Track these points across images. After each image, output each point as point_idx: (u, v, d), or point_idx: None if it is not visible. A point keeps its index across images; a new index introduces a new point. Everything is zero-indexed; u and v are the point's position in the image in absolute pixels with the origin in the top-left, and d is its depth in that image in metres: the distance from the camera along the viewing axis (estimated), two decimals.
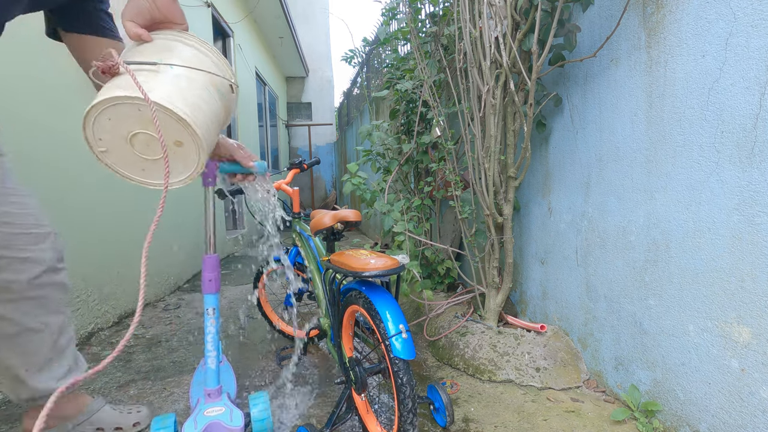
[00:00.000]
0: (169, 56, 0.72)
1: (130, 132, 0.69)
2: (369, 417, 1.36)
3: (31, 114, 1.87)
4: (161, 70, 0.69)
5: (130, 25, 0.70)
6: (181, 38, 0.76)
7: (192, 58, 0.74)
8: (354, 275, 1.17)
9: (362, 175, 2.55)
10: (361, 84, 7.59)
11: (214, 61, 0.79)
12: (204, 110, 0.71)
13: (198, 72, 0.73)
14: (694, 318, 1.23)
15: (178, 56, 0.73)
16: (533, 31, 1.57)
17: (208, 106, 0.73)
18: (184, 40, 0.77)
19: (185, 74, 0.71)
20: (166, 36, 0.76)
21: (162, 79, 0.68)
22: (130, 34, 0.71)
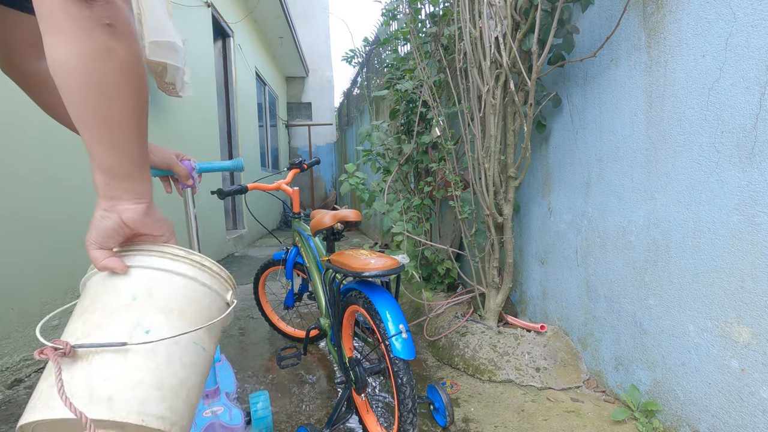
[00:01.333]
0: (147, 303, 0.54)
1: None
2: (369, 417, 1.36)
3: (23, 114, 1.87)
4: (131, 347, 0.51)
5: (97, 255, 0.53)
6: (163, 262, 0.58)
7: (177, 297, 0.57)
8: (354, 275, 1.17)
9: (360, 175, 2.55)
10: (361, 84, 7.59)
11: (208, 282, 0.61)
12: (187, 384, 0.54)
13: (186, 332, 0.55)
14: (694, 318, 1.23)
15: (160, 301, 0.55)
16: (533, 31, 1.57)
17: (193, 371, 0.56)
18: (167, 263, 0.58)
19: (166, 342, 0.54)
20: (145, 260, 0.57)
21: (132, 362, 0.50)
22: (98, 267, 0.54)
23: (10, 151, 1.75)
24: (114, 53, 0.49)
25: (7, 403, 1.59)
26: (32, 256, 1.84)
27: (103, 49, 0.48)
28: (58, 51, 0.47)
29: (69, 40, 0.47)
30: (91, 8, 0.47)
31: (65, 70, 0.47)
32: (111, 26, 0.48)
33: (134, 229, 0.55)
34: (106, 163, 0.52)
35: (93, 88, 0.48)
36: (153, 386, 0.50)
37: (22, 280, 1.79)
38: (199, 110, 4.11)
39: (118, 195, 0.54)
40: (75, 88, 0.48)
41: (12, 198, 1.75)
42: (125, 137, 0.52)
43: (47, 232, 1.93)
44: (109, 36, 0.48)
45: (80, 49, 0.47)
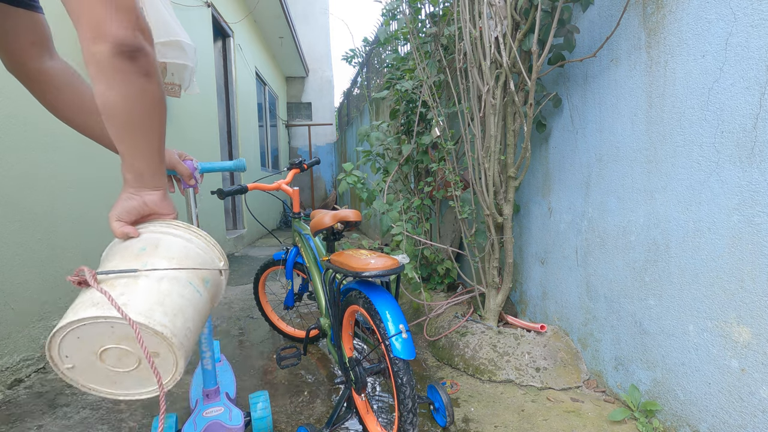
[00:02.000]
0: (153, 252, 0.69)
1: (101, 347, 0.64)
2: (369, 417, 1.36)
3: (22, 111, 1.87)
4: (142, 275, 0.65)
5: (116, 225, 0.70)
6: (168, 229, 0.74)
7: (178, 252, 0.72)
8: (354, 275, 1.17)
9: (358, 174, 2.55)
10: (361, 84, 7.59)
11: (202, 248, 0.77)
12: (185, 312, 0.67)
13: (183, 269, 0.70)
14: (694, 318, 1.23)
15: (163, 252, 0.70)
16: (533, 31, 1.57)
17: (191, 306, 0.69)
18: (172, 230, 0.74)
19: (169, 275, 0.68)
20: (154, 228, 0.73)
21: (142, 286, 0.64)
22: (116, 234, 0.70)
23: (10, 149, 1.75)
24: (149, 93, 0.65)
25: (7, 403, 1.59)
26: (32, 255, 1.84)
27: (142, 92, 0.64)
28: (108, 96, 0.62)
29: (117, 88, 0.62)
30: (135, 64, 0.62)
31: (114, 110, 0.63)
32: (147, 74, 0.64)
33: (152, 208, 0.73)
34: (138, 167, 0.70)
35: (134, 119, 0.65)
36: (157, 303, 0.64)
37: (21, 280, 1.79)
38: (200, 110, 4.11)
39: (143, 185, 0.72)
40: (120, 121, 0.65)
41: (12, 197, 1.75)
42: (153, 150, 0.70)
43: (47, 232, 1.93)
44: (146, 81, 0.64)
45: (126, 94, 0.63)
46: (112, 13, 0.59)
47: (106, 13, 0.59)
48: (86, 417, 1.51)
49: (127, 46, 0.61)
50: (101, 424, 1.46)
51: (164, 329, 0.62)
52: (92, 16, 0.59)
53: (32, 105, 1.87)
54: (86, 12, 0.59)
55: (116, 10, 0.59)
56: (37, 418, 1.50)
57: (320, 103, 10.88)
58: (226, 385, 1.37)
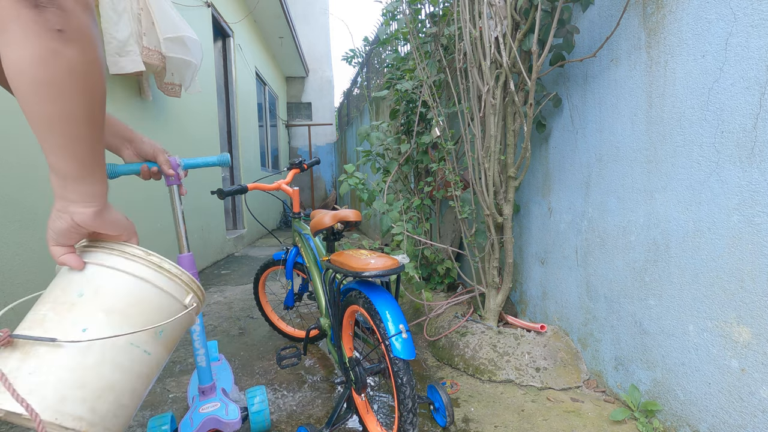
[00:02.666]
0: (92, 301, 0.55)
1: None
2: (369, 417, 1.36)
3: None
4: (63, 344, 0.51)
5: (56, 251, 0.56)
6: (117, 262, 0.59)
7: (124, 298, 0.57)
8: (354, 275, 1.17)
9: (359, 175, 2.55)
10: (361, 84, 7.59)
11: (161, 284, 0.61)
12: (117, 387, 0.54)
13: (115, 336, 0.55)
14: (694, 318, 1.23)
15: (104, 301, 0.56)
16: (533, 31, 1.57)
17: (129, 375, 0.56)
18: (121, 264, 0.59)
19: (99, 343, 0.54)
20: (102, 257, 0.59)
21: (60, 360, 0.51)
22: (58, 262, 0.57)
23: (10, 149, 1.75)
24: (61, 57, 0.49)
25: None
26: (32, 255, 1.84)
27: (50, 53, 0.48)
28: (9, 53, 0.47)
29: (18, 43, 0.47)
30: (42, 14, 0.47)
31: (15, 71, 0.48)
32: (61, 32, 0.48)
33: (88, 229, 0.56)
34: (56, 164, 0.52)
35: (39, 91, 0.49)
36: (75, 386, 0.50)
37: (21, 280, 1.79)
38: (200, 110, 4.11)
39: (69, 197, 0.54)
40: (24, 90, 0.49)
41: (12, 197, 1.75)
42: (71, 139, 0.52)
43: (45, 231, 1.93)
44: (58, 41, 0.48)
45: (28, 53, 0.47)
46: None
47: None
48: None
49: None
50: None
51: (79, 423, 0.50)
52: None
53: None
54: None
55: None
56: None
57: (320, 103, 10.88)
58: (224, 383, 1.37)
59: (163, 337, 0.61)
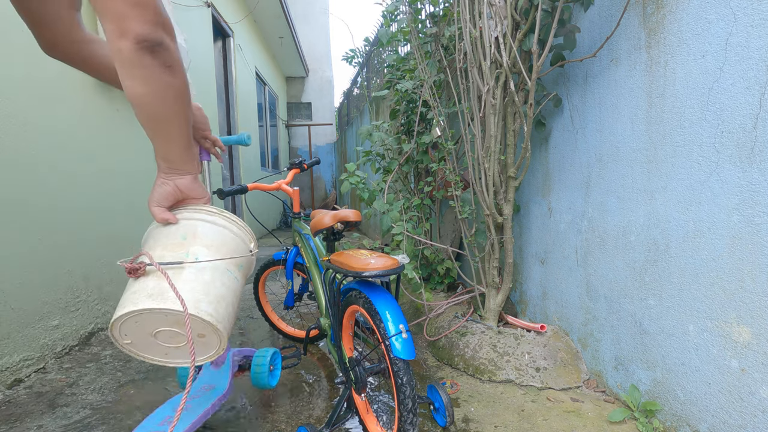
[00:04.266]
0: (193, 240, 0.76)
1: (155, 329, 0.74)
2: (369, 417, 1.36)
3: (21, 111, 1.87)
4: (187, 266, 0.73)
5: (157, 210, 0.77)
6: (203, 215, 0.81)
7: (216, 239, 0.80)
8: (354, 275, 1.17)
9: (360, 174, 2.55)
10: (361, 84, 7.59)
11: (236, 232, 0.84)
12: (226, 298, 0.76)
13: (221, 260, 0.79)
14: (694, 318, 1.23)
15: (203, 239, 0.78)
16: (533, 31, 1.57)
17: (229, 291, 0.78)
18: (207, 217, 0.81)
19: (209, 265, 0.76)
20: (189, 214, 0.80)
21: (187, 276, 0.73)
22: (157, 219, 0.77)
23: (10, 149, 1.75)
24: (173, 86, 0.69)
25: (7, 403, 1.59)
26: (32, 255, 1.84)
27: (167, 85, 0.68)
28: (136, 90, 0.66)
29: (143, 83, 0.66)
30: (158, 57, 0.65)
31: (142, 103, 0.68)
32: (170, 67, 0.67)
33: (184, 192, 0.79)
34: (168, 154, 0.75)
35: (161, 112, 0.70)
36: (203, 293, 0.73)
37: (21, 280, 1.79)
38: None
39: (174, 171, 0.77)
40: (149, 113, 0.69)
41: (12, 197, 1.75)
42: (180, 138, 0.75)
43: (47, 232, 1.93)
44: (169, 75, 0.68)
45: (151, 88, 0.67)
46: (132, 9, 0.61)
47: (126, 10, 0.61)
48: (86, 417, 1.51)
49: (147, 41, 0.62)
50: (101, 424, 1.46)
51: (210, 318, 0.72)
52: (114, 13, 0.61)
53: (32, 105, 1.87)
54: (109, 9, 0.61)
55: (135, 6, 0.61)
56: (37, 418, 1.50)
57: (320, 103, 10.87)
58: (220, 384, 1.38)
59: (242, 270, 0.84)
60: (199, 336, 0.76)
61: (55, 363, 1.91)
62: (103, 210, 2.36)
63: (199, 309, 0.71)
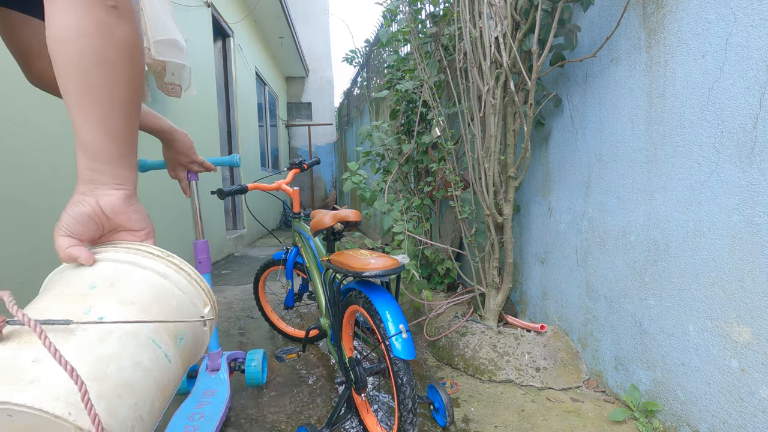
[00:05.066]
0: (105, 292, 0.46)
1: None
2: (369, 417, 1.36)
3: (21, 111, 1.87)
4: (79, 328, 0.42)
5: (63, 242, 0.48)
6: (136, 257, 0.51)
7: (143, 292, 0.49)
8: (354, 275, 1.17)
9: (362, 174, 2.55)
10: (361, 84, 7.59)
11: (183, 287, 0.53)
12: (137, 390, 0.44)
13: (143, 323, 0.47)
14: (694, 318, 1.23)
15: (120, 293, 0.47)
16: (533, 31, 1.57)
17: (148, 379, 0.46)
18: (141, 259, 0.51)
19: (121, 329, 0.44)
20: (116, 254, 0.51)
21: (74, 347, 0.40)
22: (61, 256, 0.48)
23: (10, 149, 1.75)
24: (113, 31, 0.50)
25: None
26: (32, 256, 1.84)
27: (104, 26, 0.49)
28: (60, 21, 0.47)
29: (73, 12, 0.47)
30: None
31: (63, 39, 0.48)
32: (115, 8, 0.50)
33: (111, 217, 0.51)
34: (92, 142, 0.50)
35: (87, 60, 0.48)
36: (90, 377, 0.39)
37: (22, 281, 1.79)
38: (200, 110, 4.11)
39: (98, 178, 0.51)
40: (69, 58, 0.48)
41: (12, 198, 1.75)
42: (116, 115, 0.51)
43: (47, 232, 1.93)
44: (111, 15, 0.49)
45: (81, 23, 0.48)
46: None
47: None
48: None
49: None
50: None
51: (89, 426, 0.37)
52: None
53: (32, 105, 1.87)
54: None
55: None
56: None
57: (320, 103, 10.88)
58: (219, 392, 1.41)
59: (182, 346, 0.52)
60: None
61: None
62: None
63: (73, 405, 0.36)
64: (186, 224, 3.61)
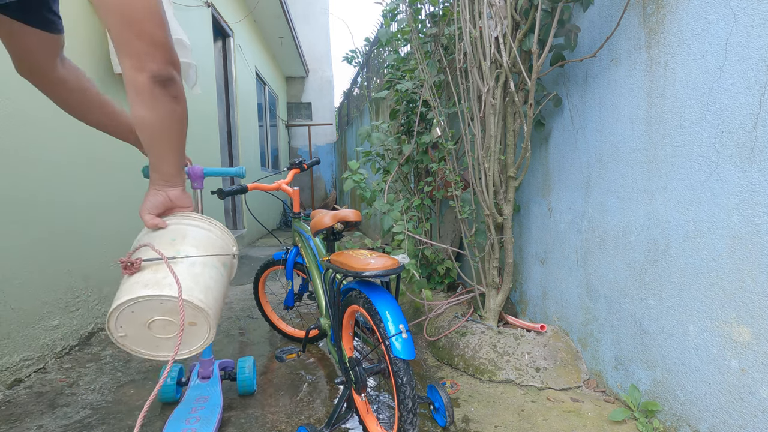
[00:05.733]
0: (182, 241, 0.84)
1: (149, 319, 0.79)
2: (369, 417, 1.36)
3: (21, 111, 1.87)
4: (178, 261, 0.81)
5: (148, 218, 0.84)
6: (190, 221, 0.89)
7: (203, 240, 0.87)
8: (354, 275, 1.17)
9: (363, 173, 2.55)
10: (361, 84, 7.59)
11: (219, 236, 0.92)
12: (214, 290, 0.83)
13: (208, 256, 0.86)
14: (694, 318, 1.23)
15: (191, 241, 0.85)
16: (533, 31, 1.57)
17: (216, 284, 0.85)
18: (193, 222, 0.89)
19: (198, 260, 0.83)
20: (178, 220, 0.88)
21: (179, 269, 0.79)
22: (148, 225, 0.84)
23: (10, 149, 1.75)
24: (176, 113, 0.81)
25: (7, 403, 1.59)
26: (32, 255, 1.84)
27: (172, 112, 0.80)
28: (145, 116, 0.77)
29: (151, 107, 0.77)
30: (167, 90, 0.77)
31: (148, 126, 0.79)
32: (176, 98, 0.80)
33: (174, 201, 0.88)
34: (164, 168, 0.85)
35: (163, 133, 0.81)
36: (194, 282, 0.80)
37: (21, 280, 1.79)
38: (200, 110, 4.11)
39: (167, 184, 0.87)
40: (152, 134, 0.81)
41: (12, 198, 1.75)
42: (176, 155, 0.86)
43: (47, 232, 1.93)
44: (175, 103, 0.80)
45: (158, 113, 0.78)
46: (150, 49, 0.73)
47: (146, 48, 0.73)
48: (86, 417, 1.51)
49: (161, 77, 0.75)
50: (101, 424, 1.46)
51: (201, 303, 0.78)
52: (135, 51, 0.72)
53: (32, 105, 1.87)
54: (131, 47, 0.72)
55: (153, 47, 0.73)
56: (37, 418, 1.50)
57: (320, 103, 10.87)
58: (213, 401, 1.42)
59: (226, 267, 0.92)
60: (190, 324, 0.82)
61: (55, 363, 1.91)
62: (104, 210, 2.36)
63: (191, 295, 0.77)
64: None
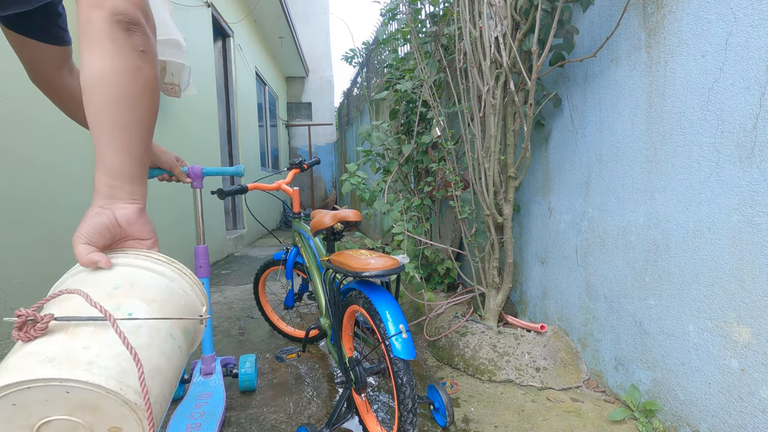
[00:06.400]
0: (128, 292, 0.55)
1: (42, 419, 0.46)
2: (369, 417, 1.36)
3: (21, 111, 1.87)
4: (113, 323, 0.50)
5: (83, 249, 0.54)
6: (147, 263, 0.60)
7: (159, 293, 0.58)
8: (354, 275, 1.17)
9: (361, 175, 2.55)
10: (361, 84, 7.59)
11: (186, 289, 0.63)
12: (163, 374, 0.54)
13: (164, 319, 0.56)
14: (694, 318, 1.23)
15: (141, 292, 0.56)
16: (533, 31, 1.57)
17: (169, 364, 0.55)
18: (151, 264, 0.60)
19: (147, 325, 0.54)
20: (128, 259, 0.59)
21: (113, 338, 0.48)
22: (81, 261, 0.55)
23: (10, 149, 1.75)
24: (141, 73, 0.59)
25: None
26: (32, 255, 1.84)
27: (135, 69, 0.58)
28: (96, 65, 0.56)
29: (108, 57, 0.56)
30: (131, 37, 0.57)
31: (98, 80, 0.56)
32: (143, 52, 0.59)
33: (125, 228, 0.59)
34: (115, 164, 0.58)
35: (119, 99, 0.57)
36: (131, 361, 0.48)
37: (22, 280, 1.79)
38: (200, 110, 4.11)
39: (116, 194, 0.59)
40: (103, 97, 0.56)
41: (12, 198, 1.75)
42: (135, 145, 0.59)
43: (47, 232, 1.93)
44: (140, 59, 0.59)
45: (116, 66, 0.56)
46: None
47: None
48: None
49: (124, 15, 0.57)
50: None
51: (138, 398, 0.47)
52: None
53: (32, 105, 1.87)
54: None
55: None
56: None
57: (320, 103, 10.88)
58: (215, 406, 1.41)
59: (188, 338, 0.62)
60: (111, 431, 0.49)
61: None
62: None
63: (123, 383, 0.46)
64: (184, 226, 3.61)
